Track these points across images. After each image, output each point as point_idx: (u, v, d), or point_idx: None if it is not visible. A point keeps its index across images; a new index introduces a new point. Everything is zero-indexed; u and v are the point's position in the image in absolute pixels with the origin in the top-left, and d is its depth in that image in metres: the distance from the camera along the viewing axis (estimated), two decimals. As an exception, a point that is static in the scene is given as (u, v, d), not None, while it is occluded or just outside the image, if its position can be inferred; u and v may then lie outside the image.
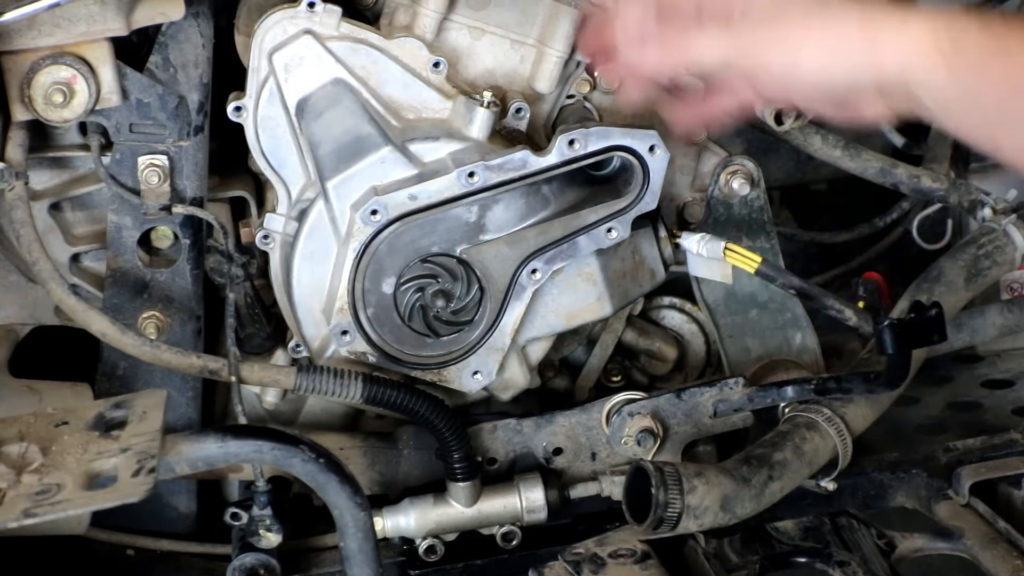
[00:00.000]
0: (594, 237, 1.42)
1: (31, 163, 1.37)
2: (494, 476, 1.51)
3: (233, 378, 1.35)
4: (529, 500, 1.48)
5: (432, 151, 1.39)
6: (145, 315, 1.45)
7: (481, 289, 1.41)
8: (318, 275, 1.43)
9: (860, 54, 1.06)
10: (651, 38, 1.22)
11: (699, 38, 1.18)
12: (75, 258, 1.49)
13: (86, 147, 1.42)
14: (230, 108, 1.39)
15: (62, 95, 1.31)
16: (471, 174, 1.36)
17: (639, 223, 1.45)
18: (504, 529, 1.49)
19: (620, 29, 1.25)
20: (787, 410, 1.49)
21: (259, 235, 1.44)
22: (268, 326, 1.49)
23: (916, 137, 2.02)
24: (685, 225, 1.58)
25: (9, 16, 1.24)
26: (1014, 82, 0.98)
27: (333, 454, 1.23)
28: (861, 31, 1.06)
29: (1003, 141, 1.04)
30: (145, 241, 1.46)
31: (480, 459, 1.49)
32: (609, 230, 1.42)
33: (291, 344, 1.47)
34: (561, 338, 1.57)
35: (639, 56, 1.23)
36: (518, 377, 1.51)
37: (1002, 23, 1.00)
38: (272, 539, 1.37)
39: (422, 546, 1.48)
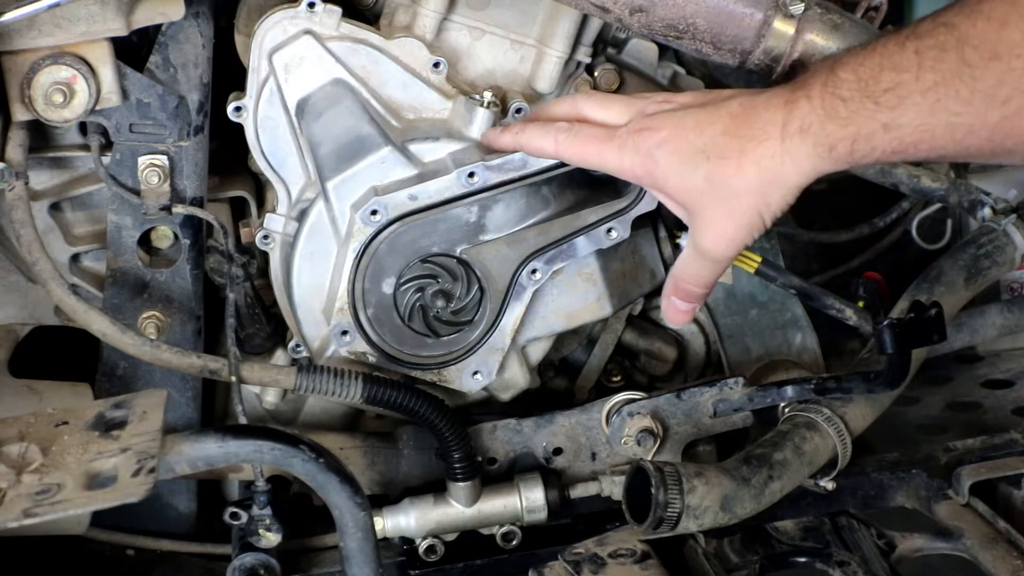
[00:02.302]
0: (594, 237, 1.42)
1: (31, 163, 1.37)
2: (494, 476, 1.51)
3: (233, 378, 1.35)
4: (529, 500, 1.48)
5: (432, 151, 1.39)
6: (145, 315, 1.45)
7: (481, 289, 1.41)
8: (318, 275, 1.43)
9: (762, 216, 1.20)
10: (571, 129, 1.30)
11: (610, 147, 1.27)
12: (75, 258, 1.49)
13: (86, 147, 1.42)
14: (230, 108, 1.39)
15: (62, 95, 1.31)
16: (471, 174, 1.36)
17: (639, 223, 1.45)
18: (504, 529, 1.49)
19: (549, 109, 1.36)
20: (787, 410, 1.48)
21: (259, 235, 1.44)
22: (268, 326, 1.49)
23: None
24: (685, 225, 1.58)
25: (9, 16, 1.24)
26: (875, 149, 1.11)
27: (333, 454, 1.23)
28: (760, 190, 1.18)
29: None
30: (145, 241, 1.46)
31: (480, 459, 1.49)
32: (609, 230, 1.42)
33: (291, 344, 1.47)
34: (561, 338, 1.57)
35: (552, 135, 1.31)
36: (518, 377, 1.51)
37: (840, 108, 1.12)
38: (272, 539, 1.37)
39: (422, 546, 1.48)
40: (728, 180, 1.19)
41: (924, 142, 1.08)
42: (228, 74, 1.44)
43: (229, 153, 1.51)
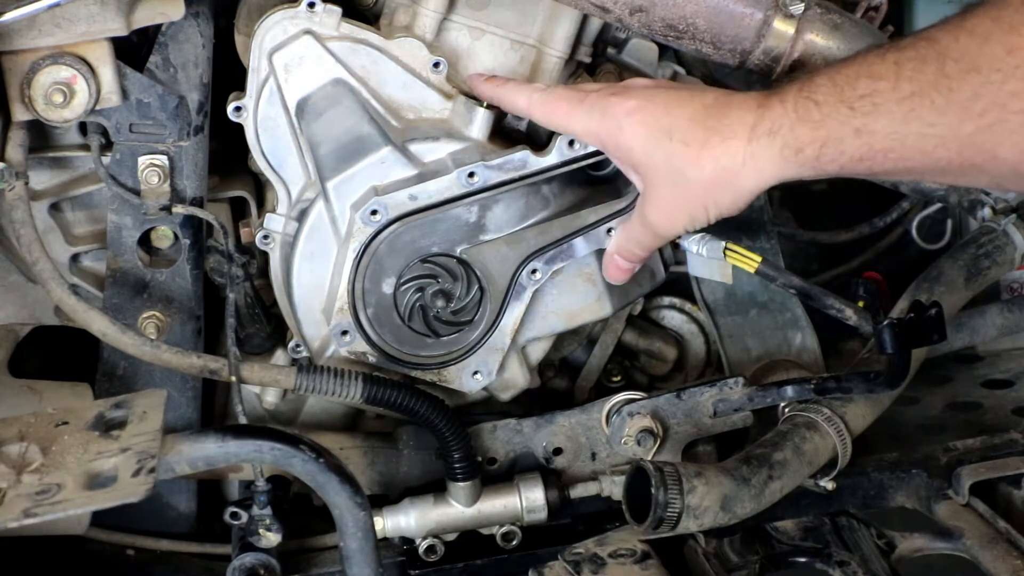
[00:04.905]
0: (594, 237, 1.42)
1: (31, 163, 1.37)
2: (494, 476, 1.51)
3: (233, 378, 1.35)
4: (529, 500, 1.48)
5: (432, 151, 1.39)
6: (145, 315, 1.45)
7: (481, 289, 1.41)
8: (318, 275, 1.43)
9: (728, 205, 1.23)
10: (546, 90, 1.34)
11: (579, 109, 1.30)
12: (75, 258, 1.49)
13: (86, 147, 1.42)
14: (230, 108, 1.39)
15: (62, 95, 1.31)
16: (471, 174, 1.36)
17: (639, 223, 1.45)
18: (504, 529, 1.49)
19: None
20: (787, 410, 1.48)
21: (259, 235, 1.44)
22: (268, 326, 1.49)
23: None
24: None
25: (9, 16, 1.24)
26: (846, 163, 1.13)
27: (333, 454, 1.24)
28: (716, 190, 1.21)
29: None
30: (145, 241, 1.46)
31: (480, 459, 1.49)
32: (609, 230, 1.42)
33: (291, 344, 1.47)
34: (561, 338, 1.57)
35: (527, 93, 1.34)
36: (518, 377, 1.51)
37: (813, 116, 1.13)
38: (272, 539, 1.37)
39: (422, 546, 1.48)
40: (684, 167, 1.21)
41: (894, 151, 1.08)
42: (228, 74, 1.44)
43: (229, 153, 1.51)
